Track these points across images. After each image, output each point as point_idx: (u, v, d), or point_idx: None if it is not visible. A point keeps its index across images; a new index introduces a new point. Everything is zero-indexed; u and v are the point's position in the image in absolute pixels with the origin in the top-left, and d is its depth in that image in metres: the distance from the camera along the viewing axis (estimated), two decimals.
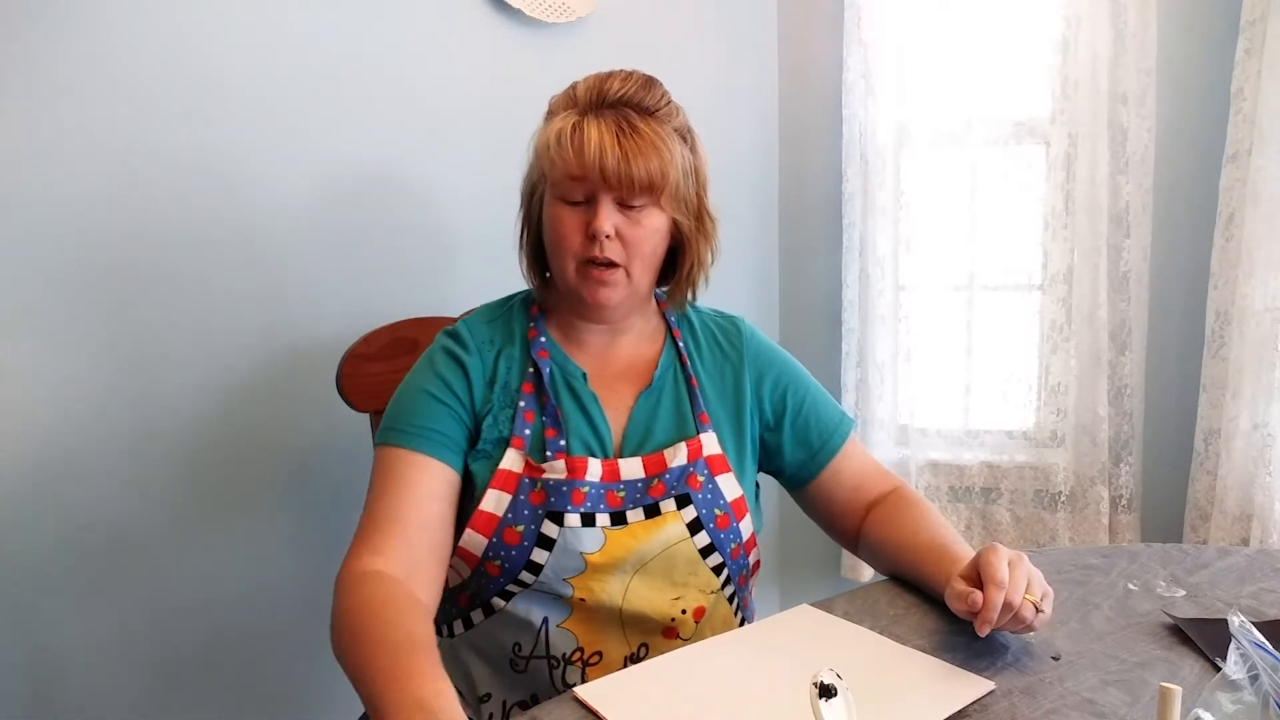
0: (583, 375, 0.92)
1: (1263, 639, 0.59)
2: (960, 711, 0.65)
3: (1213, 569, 0.93)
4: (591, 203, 0.85)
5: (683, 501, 0.87)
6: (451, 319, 1.10)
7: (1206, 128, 1.62)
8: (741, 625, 0.94)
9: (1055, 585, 0.79)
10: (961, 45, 1.70)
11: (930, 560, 0.84)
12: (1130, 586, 0.88)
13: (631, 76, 0.88)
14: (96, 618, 1.11)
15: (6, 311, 1.02)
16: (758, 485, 0.97)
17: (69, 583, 1.08)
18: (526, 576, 0.84)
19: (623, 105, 0.86)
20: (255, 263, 1.20)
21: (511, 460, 0.86)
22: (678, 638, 0.88)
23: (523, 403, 0.89)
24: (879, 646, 0.76)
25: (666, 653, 0.76)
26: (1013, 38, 1.69)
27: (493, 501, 0.84)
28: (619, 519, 0.85)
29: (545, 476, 0.85)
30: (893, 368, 1.80)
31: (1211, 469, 1.61)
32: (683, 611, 0.87)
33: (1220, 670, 0.59)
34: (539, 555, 0.83)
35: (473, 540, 0.84)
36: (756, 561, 0.95)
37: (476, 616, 0.89)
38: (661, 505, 0.87)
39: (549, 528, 0.83)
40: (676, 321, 0.99)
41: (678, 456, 0.88)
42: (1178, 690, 0.49)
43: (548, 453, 0.87)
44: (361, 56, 1.27)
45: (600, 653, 0.86)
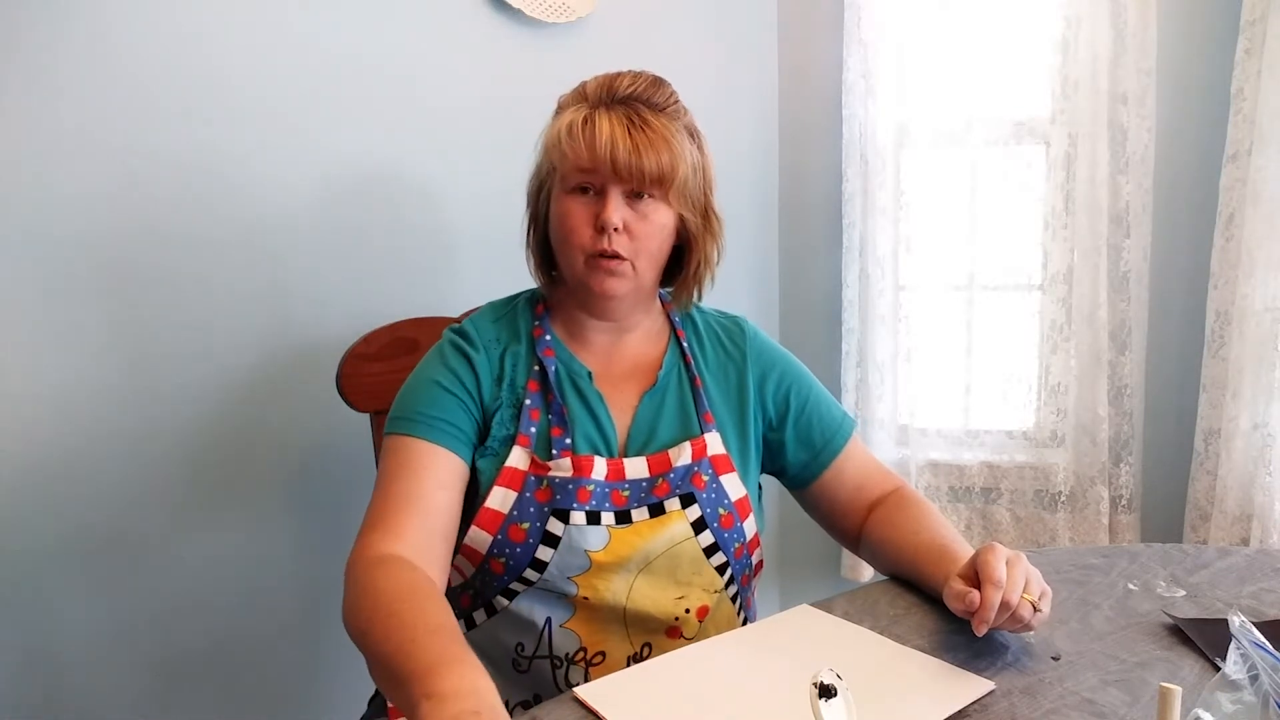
0: (588, 374, 0.92)
1: (1263, 639, 0.59)
2: (960, 711, 0.65)
3: (1213, 569, 0.93)
4: (601, 196, 0.86)
5: (687, 501, 0.87)
6: (452, 319, 1.10)
7: (1206, 128, 1.62)
8: (744, 625, 0.94)
9: (1055, 585, 0.79)
10: (961, 45, 1.70)
11: (930, 560, 0.84)
12: (1130, 586, 0.89)
13: (641, 75, 0.88)
14: (96, 618, 1.11)
15: (7, 311, 1.02)
16: (760, 486, 0.97)
17: (69, 583, 1.08)
18: (531, 574, 0.84)
19: (633, 101, 0.86)
20: (255, 263, 1.20)
21: (517, 458, 0.86)
22: (681, 637, 0.88)
23: (528, 401, 0.89)
24: (879, 646, 0.76)
25: (667, 652, 0.76)
26: (1013, 38, 1.69)
27: (498, 499, 0.85)
28: (624, 518, 0.86)
29: (551, 474, 0.85)
30: (893, 368, 1.80)
31: (1211, 469, 1.61)
32: (686, 611, 0.87)
33: (1220, 670, 0.59)
34: (544, 553, 0.83)
35: (477, 537, 0.84)
36: (760, 561, 0.95)
37: (479, 616, 0.89)
38: (666, 504, 0.87)
39: (554, 525, 0.83)
40: (680, 321, 0.99)
41: (682, 456, 0.89)
42: (1178, 690, 0.49)
43: (553, 450, 0.87)
44: (362, 56, 1.27)
45: (603, 653, 0.86)
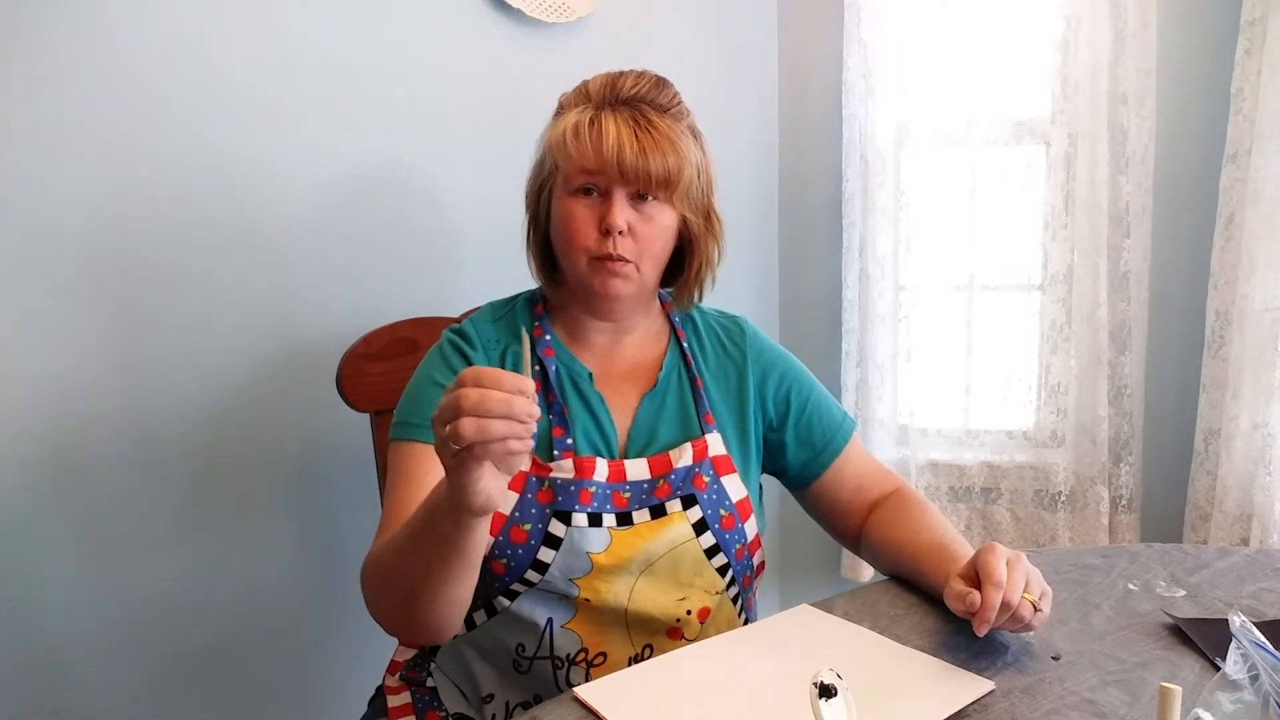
0: (589, 375, 0.92)
1: (1263, 639, 0.59)
2: (960, 711, 0.65)
3: (1213, 569, 0.93)
4: (605, 197, 0.85)
5: (688, 502, 0.87)
6: (452, 319, 1.10)
7: (1206, 128, 1.62)
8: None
9: (1055, 585, 0.79)
10: (961, 45, 1.69)
11: (931, 560, 0.84)
12: (1130, 586, 0.89)
13: (644, 76, 0.88)
14: (97, 618, 1.11)
15: (7, 311, 1.02)
16: (760, 486, 0.97)
17: (69, 583, 1.08)
18: (532, 576, 0.83)
19: (637, 102, 0.86)
20: (255, 263, 1.20)
21: None
22: (682, 638, 0.88)
23: None
24: (879, 646, 0.76)
25: (668, 652, 0.76)
26: (1013, 38, 1.69)
27: None
28: (625, 519, 0.85)
29: (553, 475, 0.85)
30: (893, 368, 1.80)
31: (1211, 469, 1.61)
32: (688, 612, 0.87)
33: (1220, 670, 0.59)
34: (545, 554, 0.83)
35: None
36: (761, 562, 0.95)
37: (480, 617, 0.89)
38: (667, 506, 0.87)
39: (556, 527, 0.83)
40: (680, 322, 0.99)
41: (683, 457, 0.88)
42: (1178, 690, 0.49)
43: (554, 452, 0.87)
44: (362, 57, 1.27)
45: (604, 653, 0.86)
